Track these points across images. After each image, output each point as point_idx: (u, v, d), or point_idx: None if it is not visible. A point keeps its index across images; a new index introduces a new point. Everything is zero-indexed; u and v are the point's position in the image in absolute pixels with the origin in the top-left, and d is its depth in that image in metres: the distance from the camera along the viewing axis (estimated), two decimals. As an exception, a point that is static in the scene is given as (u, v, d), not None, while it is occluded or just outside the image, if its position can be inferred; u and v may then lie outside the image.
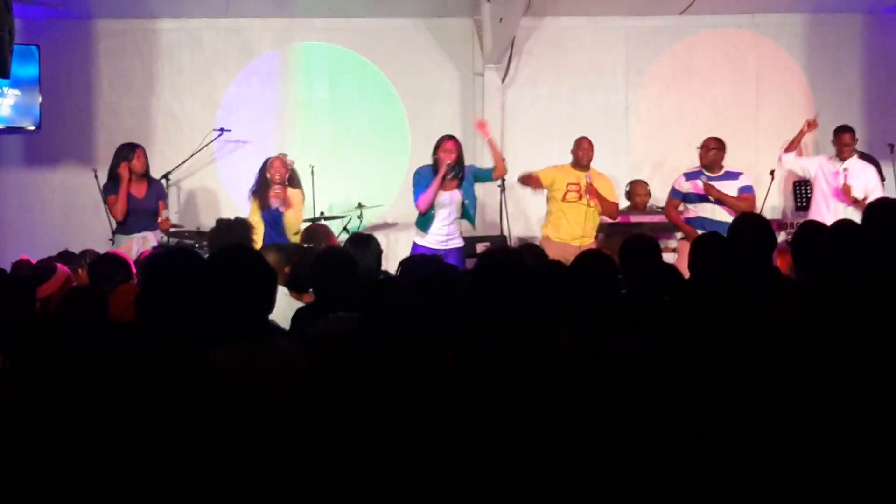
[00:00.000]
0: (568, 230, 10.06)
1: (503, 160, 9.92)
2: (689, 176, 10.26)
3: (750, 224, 6.04)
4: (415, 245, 9.64)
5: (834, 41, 12.76)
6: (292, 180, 10.07)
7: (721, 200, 9.99)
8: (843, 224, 6.15)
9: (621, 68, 12.78)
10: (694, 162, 10.37)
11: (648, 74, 12.77)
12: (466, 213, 9.72)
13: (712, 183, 10.07)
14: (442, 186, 9.51)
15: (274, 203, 9.71)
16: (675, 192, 10.35)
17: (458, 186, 9.64)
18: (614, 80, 12.77)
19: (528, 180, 10.37)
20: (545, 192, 10.31)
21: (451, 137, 9.73)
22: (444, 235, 9.62)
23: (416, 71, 12.62)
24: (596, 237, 10.35)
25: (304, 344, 4.41)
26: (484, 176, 9.93)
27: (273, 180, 9.77)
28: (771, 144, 12.60)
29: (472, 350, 3.95)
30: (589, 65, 12.74)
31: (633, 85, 12.79)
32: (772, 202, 11.87)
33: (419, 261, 6.50)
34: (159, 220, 9.99)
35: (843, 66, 12.75)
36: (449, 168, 9.50)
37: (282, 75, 12.55)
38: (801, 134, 10.59)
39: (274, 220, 9.68)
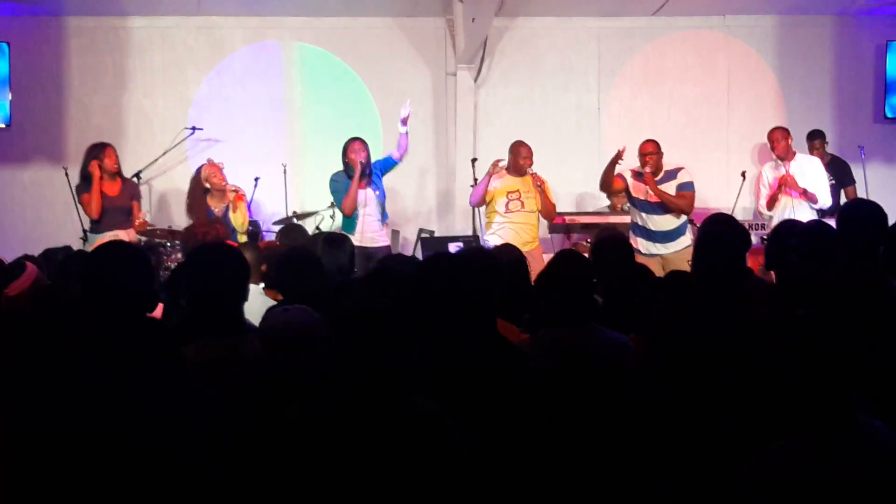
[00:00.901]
0: (515, 237, 9.91)
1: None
2: (636, 176, 10.15)
3: (723, 225, 6.05)
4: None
5: (805, 43, 12.82)
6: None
7: (661, 198, 9.89)
8: (814, 225, 6.19)
9: (593, 69, 12.81)
10: (666, 163, 10.31)
11: (620, 75, 12.80)
12: (383, 210, 10.07)
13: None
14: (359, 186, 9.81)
15: (220, 210, 9.76)
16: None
17: (369, 184, 9.92)
18: (586, 80, 12.80)
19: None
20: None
21: (357, 138, 10.02)
22: (371, 233, 9.85)
23: (388, 70, 12.61)
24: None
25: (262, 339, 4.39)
26: (387, 164, 10.21)
27: (214, 186, 9.82)
28: (742, 145, 12.69)
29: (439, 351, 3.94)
30: (561, 65, 12.76)
31: (606, 85, 12.82)
32: (743, 203, 11.91)
33: (398, 260, 6.52)
34: (136, 221, 9.96)
35: (814, 68, 12.81)
36: (363, 167, 9.78)
37: (253, 74, 12.50)
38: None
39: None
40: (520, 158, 10.15)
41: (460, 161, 12.22)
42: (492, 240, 9.99)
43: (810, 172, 10.64)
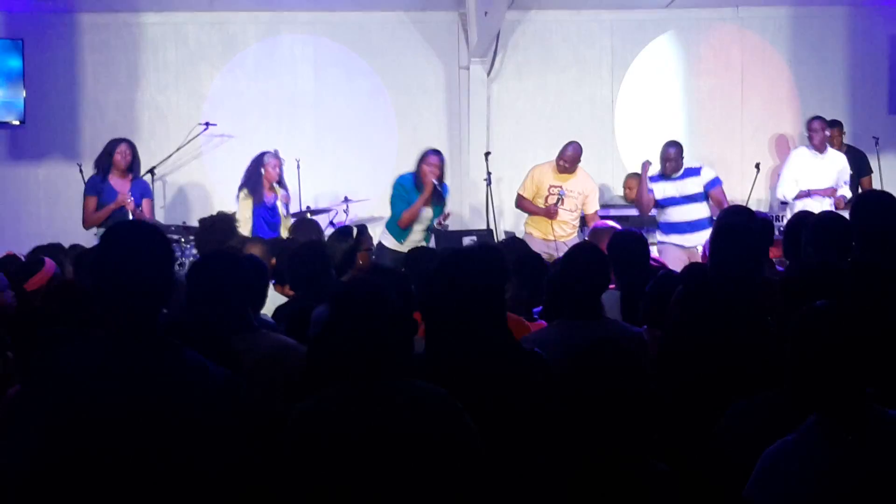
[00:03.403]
0: (549, 229, 10.25)
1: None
2: (654, 179, 10.30)
3: (740, 216, 6.05)
4: (380, 245, 9.73)
5: (818, 34, 12.78)
6: (280, 179, 10.23)
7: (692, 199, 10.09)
8: (826, 216, 6.18)
9: (606, 61, 12.79)
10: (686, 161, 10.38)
11: (633, 67, 12.78)
12: (430, 226, 9.98)
13: (675, 183, 10.12)
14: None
15: (270, 199, 9.83)
16: (649, 191, 10.34)
17: (435, 204, 9.88)
18: (600, 73, 12.78)
19: (529, 208, 10.69)
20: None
21: (436, 152, 9.88)
22: (415, 243, 9.67)
23: (401, 65, 12.61)
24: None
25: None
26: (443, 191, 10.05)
27: (268, 178, 9.90)
28: (756, 137, 12.67)
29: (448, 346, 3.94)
30: (574, 58, 12.74)
31: (619, 78, 12.79)
32: (757, 195, 11.89)
33: (425, 254, 6.54)
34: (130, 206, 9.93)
35: (828, 59, 12.77)
36: (434, 187, 9.66)
37: (267, 69, 12.52)
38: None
39: (270, 216, 9.78)
40: (560, 160, 10.49)
41: (473, 155, 12.22)
42: (528, 229, 10.56)
43: (838, 169, 10.69)
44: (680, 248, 10.07)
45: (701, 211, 10.13)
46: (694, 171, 10.25)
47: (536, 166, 10.73)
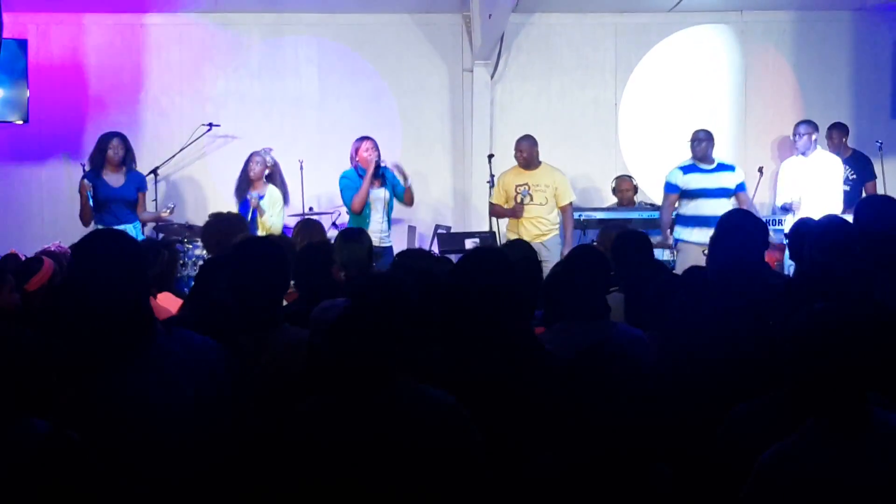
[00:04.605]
0: (523, 229, 10.37)
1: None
2: (686, 169, 10.25)
3: (741, 219, 6.04)
4: None
5: (822, 38, 12.79)
6: (272, 177, 10.21)
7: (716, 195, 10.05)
8: (829, 220, 6.17)
9: (610, 64, 12.80)
10: (683, 157, 10.39)
11: (637, 71, 12.78)
12: (398, 194, 10.05)
13: (709, 175, 10.13)
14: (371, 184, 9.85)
15: (250, 197, 9.88)
16: (670, 187, 10.34)
17: (382, 184, 9.96)
18: (603, 76, 12.78)
19: (499, 211, 10.78)
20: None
21: (368, 137, 10.06)
22: (379, 233, 9.80)
23: (405, 67, 12.62)
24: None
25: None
26: (398, 190, 10.11)
27: (252, 176, 9.96)
28: (760, 141, 12.68)
29: (456, 347, 3.94)
30: (578, 61, 12.75)
31: (622, 81, 12.80)
32: (761, 198, 11.88)
33: (414, 254, 6.52)
34: (163, 213, 10.11)
35: (832, 63, 12.78)
36: (377, 166, 9.82)
37: (270, 70, 12.53)
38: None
39: (246, 214, 9.79)
40: (517, 154, 10.65)
41: (477, 157, 12.22)
42: (509, 235, 10.30)
43: (827, 172, 10.68)
44: (699, 245, 9.86)
45: (728, 208, 10.05)
46: (728, 167, 10.28)
47: (502, 173, 10.82)
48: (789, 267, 8.34)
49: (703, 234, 9.96)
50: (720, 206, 9.87)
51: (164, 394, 3.34)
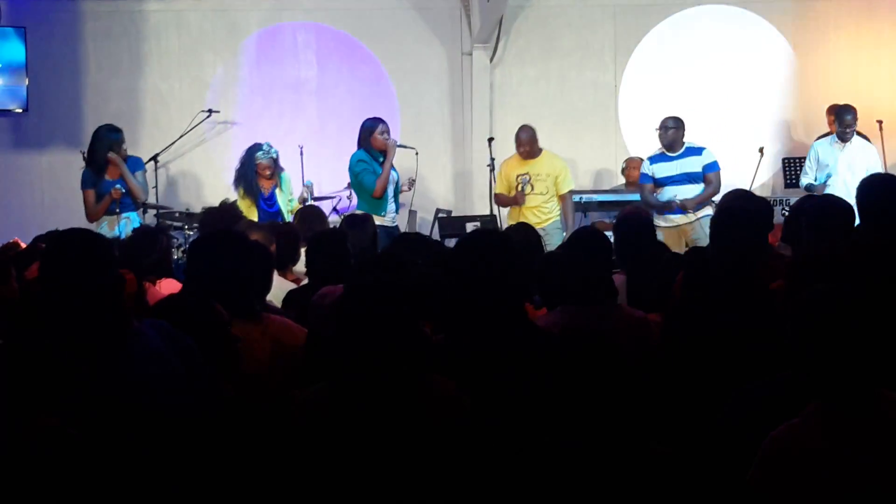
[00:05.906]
0: (524, 217, 10.23)
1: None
2: (654, 159, 10.27)
3: (742, 200, 6.03)
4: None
5: (822, 17, 12.74)
6: (276, 164, 10.22)
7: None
8: (825, 199, 6.15)
9: (609, 47, 12.77)
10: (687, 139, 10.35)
11: (637, 53, 12.75)
12: (396, 189, 9.98)
13: (674, 162, 10.12)
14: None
15: (267, 189, 9.87)
16: (644, 177, 10.35)
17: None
18: (602, 58, 12.76)
19: (503, 200, 10.75)
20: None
21: (381, 120, 9.92)
22: (392, 213, 9.82)
23: (404, 51, 12.60)
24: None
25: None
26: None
27: (262, 174, 9.91)
28: (760, 121, 12.63)
29: (456, 331, 3.94)
30: (577, 44, 12.72)
31: (622, 64, 12.77)
32: (761, 179, 11.88)
33: (413, 238, 6.52)
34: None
35: (832, 42, 12.73)
36: (394, 147, 9.76)
37: (269, 56, 12.51)
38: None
39: (268, 206, 9.80)
40: (518, 146, 10.56)
41: (476, 141, 12.21)
42: (510, 221, 10.34)
43: (863, 159, 10.57)
44: (673, 228, 10.02)
45: (697, 191, 10.09)
46: (696, 151, 10.21)
47: (504, 161, 10.77)
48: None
49: (674, 219, 10.04)
50: (689, 192, 10.04)
51: (154, 366, 3.45)
